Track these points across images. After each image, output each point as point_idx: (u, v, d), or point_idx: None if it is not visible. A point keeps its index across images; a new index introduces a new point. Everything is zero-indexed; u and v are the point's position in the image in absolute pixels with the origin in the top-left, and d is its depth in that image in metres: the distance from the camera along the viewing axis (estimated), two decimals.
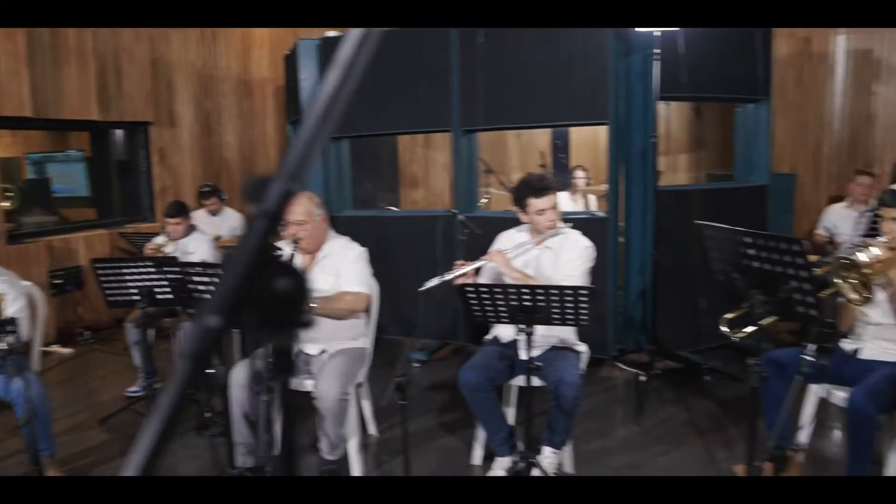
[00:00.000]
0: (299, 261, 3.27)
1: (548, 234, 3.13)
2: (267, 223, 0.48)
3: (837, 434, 3.57)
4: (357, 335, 3.36)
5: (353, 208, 5.40)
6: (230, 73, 7.48)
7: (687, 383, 4.31)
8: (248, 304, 0.45)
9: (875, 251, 2.76)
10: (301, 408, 3.93)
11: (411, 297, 4.78)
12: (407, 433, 2.67)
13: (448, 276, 2.99)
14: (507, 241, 3.31)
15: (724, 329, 2.79)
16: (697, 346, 4.56)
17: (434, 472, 3.26)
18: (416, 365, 4.74)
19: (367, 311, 3.37)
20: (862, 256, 2.74)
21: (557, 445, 3.09)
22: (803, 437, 3.19)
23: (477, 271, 3.08)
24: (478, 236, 3.23)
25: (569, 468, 3.21)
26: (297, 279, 0.48)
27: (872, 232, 4.00)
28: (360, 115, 4.96)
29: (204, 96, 7.19)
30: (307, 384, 3.16)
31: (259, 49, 7.77)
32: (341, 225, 5.01)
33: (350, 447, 3.21)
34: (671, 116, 6.66)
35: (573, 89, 4.30)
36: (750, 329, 2.62)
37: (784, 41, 5.96)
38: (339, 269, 3.25)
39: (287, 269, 0.49)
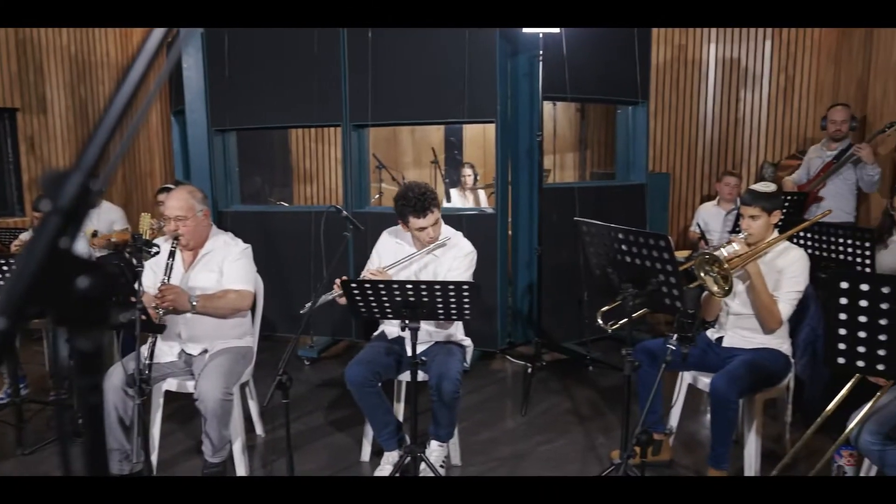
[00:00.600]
0: (180, 258, 3.15)
1: (431, 247, 3.13)
2: (60, 220, 0.46)
3: (705, 417, 3.82)
4: (242, 334, 3.28)
5: (241, 203, 5.25)
6: (108, 59, 7.08)
7: (571, 374, 4.48)
8: (43, 303, 0.43)
9: (735, 247, 2.98)
10: (184, 410, 3.81)
11: (302, 294, 4.71)
12: (290, 432, 2.64)
13: (328, 297, 2.96)
14: (388, 245, 3.28)
15: (600, 322, 2.93)
16: (582, 338, 4.76)
17: (322, 470, 3.24)
18: (305, 363, 4.67)
19: (251, 308, 3.29)
20: (723, 252, 2.95)
21: (443, 438, 3.13)
22: (673, 420, 3.40)
23: (357, 272, 3.06)
24: (363, 232, 3.20)
25: (456, 460, 3.27)
26: (99, 277, 0.47)
27: (738, 229, 4.30)
28: (247, 107, 4.83)
29: (79, 82, 6.77)
30: (188, 385, 3.06)
31: (140, 35, 7.39)
32: (229, 220, 4.87)
33: (235, 448, 3.14)
34: (557, 116, 6.89)
35: (462, 87, 4.37)
36: (623, 321, 2.77)
37: (661, 48, 6.29)
38: (222, 266, 3.16)
39: (88, 266, 0.48)
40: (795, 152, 6.01)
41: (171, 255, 3.06)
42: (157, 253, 2.87)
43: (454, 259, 3.14)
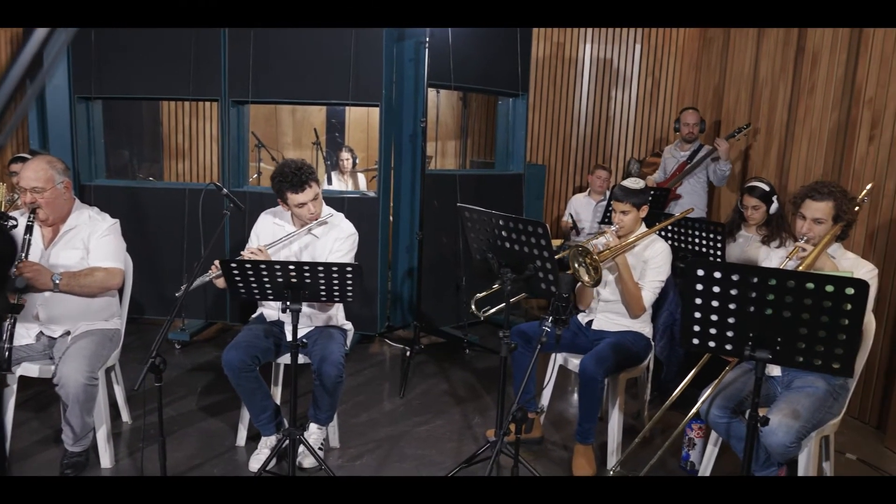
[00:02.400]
0: (39, 234, 2.93)
1: (312, 225, 3.08)
2: None
3: (572, 396, 4.04)
4: (109, 315, 3.10)
5: (107, 177, 4.93)
6: None
7: (449, 357, 4.58)
8: None
9: (605, 239, 3.17)
10: (39, 397, 3.55)
11: (173, 275, 4.52)
12: (163, 418, 2.53)
13: (205, 279, 2.86)
14: (266, 226, 3.21)
15: (473, 309, 3.03)
16: (459, 322, 4.88)
17: (194, 457, 3.13)
18: (176, 346, 4.48)
19: (119, 288, 3.12)
20: (596, 244, 3.13)
21: (322, 422, 3.13)
22: (544, 400, 3.57)
23: (236, 254, 2.98)
24: (243, 212, 3.11)
25: (335, 442, 3.27)
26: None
27: (608, 219, 4.56)
28: (115, 75, 4.53)
29: None
30: (48, 370, 2.86)
31: None
32: (92, 195, 4.56)
33: (99, 436, 2.97)
34: (440, 104, 6.98)
35: (348, 69, 4.32)
36: (497, 307, 2.88)
37: (541, 44, 6.51)
38: (88, 242, 2.96)
39: None
40: (658, 151, 6.44)
41: (29, 229, 2.84)
42: (14, 227, 2.65)
43: (336, 241, 3.12)
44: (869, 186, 3.36)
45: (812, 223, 2.74)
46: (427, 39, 4.19)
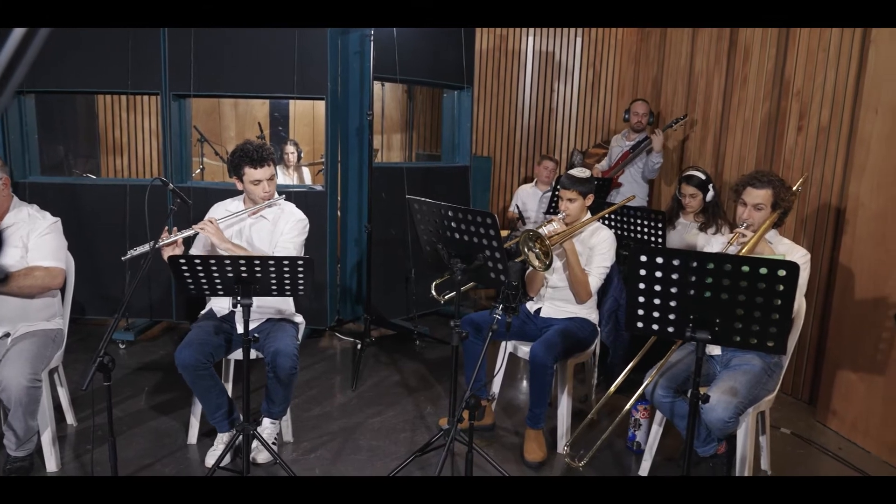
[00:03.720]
0: None
1: (263, 205, 3.12)
2: None
3: (521, 383, 4.13)
4: (50, 315, 3.02)
5: (41, 174, 4.76)
6: None
7: (399, 349, 4.62)
8: None
9: (554, 226, 3.25)
10: None
11: (115, 274, 4.41)
12: (113, 419, 2.49)
13: (149, 246, 2.82)
14: (219, 210, 3.22)
15: (433, 294, 3.07)
16: (409, 314, 4.91)
17: (145, 456, 3.08)
18: (121, 346, 4.38)
19: (61, 288, 3.04)
20: (544, 230, 3.21)
21: (276, 416, 3.12)
22: (495, 387, 3.64)
23: (187, 241, 2.95)
24: (189, 207, 3.07)
25: (288, 437, 3.27)
26: None
27: (553, 210, 4.66)
28: (49, 68, 4.38)
29: None
30: None
31: None
32: (27, 192, 4.41)
33: (44, 440, 2.90)
34: (385, 97, 6.98)
35: (291, 62, 4.29)
36: (452, 294, 2.92)
37: (485, 37, 6.57)
38: (27, 241, 2.88)
39: None
40: (601, 142, 6.58)
41: None
42: None
43: (286, 223, 3.15)
44: (803, 178, 3.54)
45: (752, 210, 2.88)
46: (372, 33, 4.19)
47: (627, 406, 3.13)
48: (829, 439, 3.53)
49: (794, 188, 3.11)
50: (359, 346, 4.31)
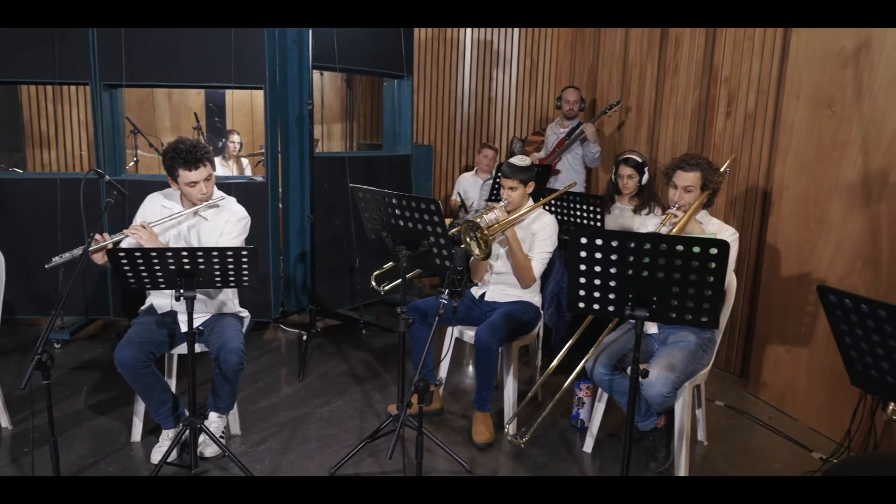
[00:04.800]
0: None
1: (202, 206, 3.01)
2: None
3: (468, 367, 4.20)
4: None
5: None
6: None
7: (346, 338, 4.61)
8: None
9: (496, 213, 3.31)
10: None
11: (47, 271, 4.26)
12: (47, 420, 2.43)
13: (79, 252, 2.73)
14: (154, 207, 3.09)
15: (373, 284, 3.08)
16: (355, 304, 4.91)
17: (87, 456, 3.01)
18: (56, 346, 4.24)
19: None
20: (486, 218, 3.26)
21: (223, 410, 3.09)
22: (442, 372, 3.69)
23: (116, 245, 2.82)
24: (126, 199, 2.99)
25: (236, 430, 3.24)
26: None
27: (494, 197, 4.72)
28: None
29: None
30: None
31: None
32: None
33: None
34: (324, 86, 6.91)
35: (228, 51, 4.21)
36: (397, 282, 2.95)
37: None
38: None
39: None
40: (540, 129, 6.69)
41: None
42: None
43: (226, 223, 3.05)
44: (731, 159, 3.69)
45: (683, 192, 2.99)
46: None
47: (567, 383, 3.22)
48: (760, 409, 3.71)
49: (722, 169, 3.24)
50: (304, 338, 4.30)
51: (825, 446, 3.26)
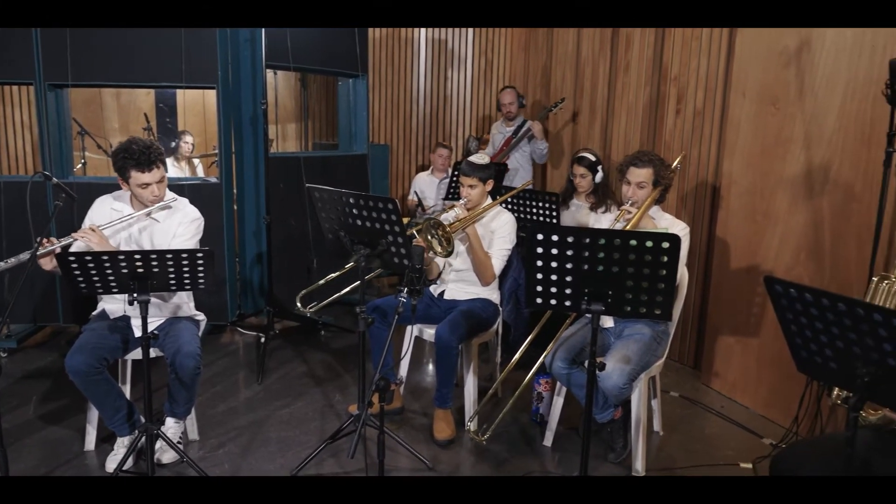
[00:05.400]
0: None
1: (154, 208, 2.94)
2: None
3: (428, 366, 4.21)
4: None
5: None
6: None
7: (305, 340, 4.58)
8: None
9: (455, 212, 3.33)
10: None
11: None
12: (1, 427, 2.36)
13: (26, 257, 2.65)
14: (103, 210, 3.01)
15: (299, 306, 3.06)
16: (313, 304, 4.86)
17: (38, 467, 2.93)
18: (2, 355, 4.11)
19: None
20: (447, 216, 3.28)
21: (180, 415, 3.04)
22: (403, 371, 3.70)
23: (65, 250, 2.74)
24: (75, 202, 2.90)
25: (194, 435, 3.19)
26: None
27: (451, 196, 4.74)
28: None
29: None
30: None
31: None
32: None
33: None
34: (278, 86, 6.84)
35: (178, 50, 4.13)
36: (323, 304, 2.93)
37: None
38: None
39: None
40: None
41: None
42: None
43: (179, 225, 2.99)
44: (681, 156, 3.78)
45: (636, 188, 3.06)
46: None
47: (527, 379, 3.26)
48: (713, 399, 3.82)
49: (673, 165, 3.32)
50: (262, 340, 4.25)
51: (775, 432, 3.37)
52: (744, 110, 3.65)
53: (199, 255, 2.54)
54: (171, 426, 3.02)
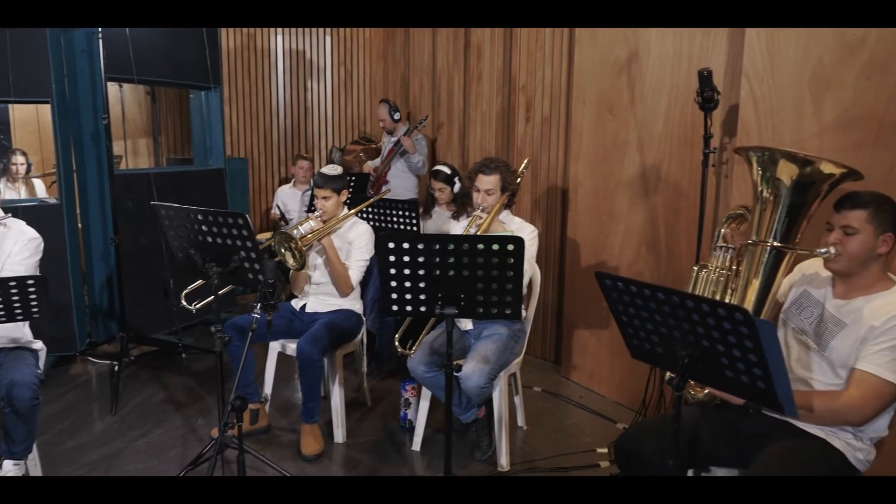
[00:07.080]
0: None
1: None
2: None
3: (296, 381, 4.14)
4: None
5: None
6: None
7: (164, 364, 4.37)
8: None
9: (311, 224, 3.31)
10: None
11: None
12: None
13: None
14: None
15: (184, 303, 2.96)
16: (172, 327, 4.65)
17: None
18: None
19: None
20: (300, 229, 3.25)
21: (20, 455, 2.80)
22: (267, 388, 3.62)
23: None
24: None
25: (37, 475, 2.96)
26: None
27: (314, 208, 4.69)
28: None
29: None
30: None
31: None
32: None
33: None
34: (125, 99, 6.48)
35: (5, 61, 3.83)
36: (209, 299, 2.85)
37: (230, 34, 6.38)
38: None
39: None
40: (358, 138, 6.75)
41: None
42: None
43: (15, 244, 2.78)
44: (526, 161, 3.95)
45: (485, 194, 3.17)
46: (100, 29, 3.88)
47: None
48: (572, 390, 4.02)
49: (519, 171, 3.48)
50: (116, 368, 4.01)
51: (627, 416, 3.60)
52: (585, 117, 3.88)
53: (30, 282, 2.37)
54: (9, 469, 2.78)
